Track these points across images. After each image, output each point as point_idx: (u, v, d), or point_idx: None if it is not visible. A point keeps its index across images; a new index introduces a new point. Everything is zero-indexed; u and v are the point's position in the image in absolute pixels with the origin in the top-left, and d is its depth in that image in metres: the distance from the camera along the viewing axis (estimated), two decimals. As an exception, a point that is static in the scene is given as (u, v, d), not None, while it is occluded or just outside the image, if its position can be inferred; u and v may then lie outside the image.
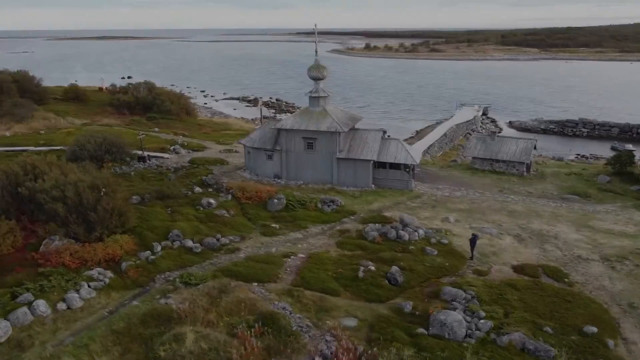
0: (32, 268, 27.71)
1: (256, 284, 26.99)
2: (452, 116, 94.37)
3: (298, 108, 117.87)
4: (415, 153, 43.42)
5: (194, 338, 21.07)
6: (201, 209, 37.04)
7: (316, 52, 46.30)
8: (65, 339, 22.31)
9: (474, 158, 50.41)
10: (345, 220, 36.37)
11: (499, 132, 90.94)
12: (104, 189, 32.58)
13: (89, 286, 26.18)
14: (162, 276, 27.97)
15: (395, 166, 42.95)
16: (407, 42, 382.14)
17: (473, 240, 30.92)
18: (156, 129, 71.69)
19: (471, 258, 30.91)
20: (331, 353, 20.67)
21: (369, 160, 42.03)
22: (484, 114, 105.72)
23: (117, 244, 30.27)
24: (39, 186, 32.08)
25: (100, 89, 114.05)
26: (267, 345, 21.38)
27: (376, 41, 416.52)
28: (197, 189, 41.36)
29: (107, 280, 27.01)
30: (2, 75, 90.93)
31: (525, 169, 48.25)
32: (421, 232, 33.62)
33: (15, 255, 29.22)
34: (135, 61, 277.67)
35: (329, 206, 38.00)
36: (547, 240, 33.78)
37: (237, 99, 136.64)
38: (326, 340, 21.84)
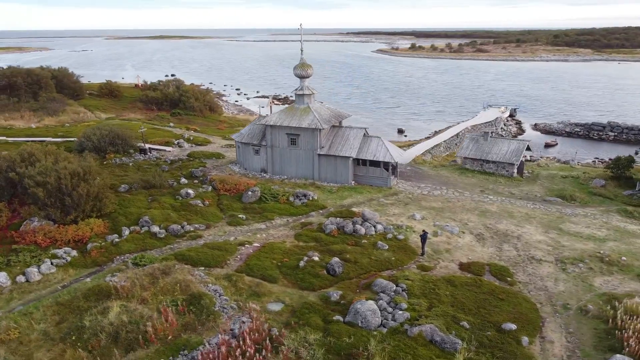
0: (8, 245, 30.66)
1: (203, 268, 28.70)
2: (473, 117, 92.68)
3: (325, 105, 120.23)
4: (395, 152, 43.85)
5: (117, 311, 22.98)
6: (180, 198, 39.21)
7: (301, 51, 47.48)
8: (16, 307, 24.82)
9: (465, 158, 50.13)
10: (312, 214, 37.50)
11: (520, 134, 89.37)
12: (98, 177, 35.46)
13: (51, 263, 28.71)
14: (122, 257, 30.17)
15: (375, 164, 43.57)
16: (455, 42, 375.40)
17: (423, 237, 31.39)
18: (171, 124, 74.98)
19: (422, 254, 31.38)
20: (240, 332, 22.00)
21: (348, 157, 42.87)
22: (510, 115, 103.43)
23: (89, 226, 32.81)
24: (27, 172, 35.11)
25: (136, 85, 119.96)
26: (185, 322, 23.03)
27: (425, 41, 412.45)
28: (184, 180, 43.64)
29: (69, 259, 29.49)
30: (43, 71, 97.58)
31: (515, 171, 47.58)
32: (380, 227, 34.32)
33: (-3, 232, 32.30)
34: (183, 60, 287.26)
35: (300, 200, 39.24)
36: (507, 241, 33.64)
37: (268, 97, 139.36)
38: (242, 321, 23.19)
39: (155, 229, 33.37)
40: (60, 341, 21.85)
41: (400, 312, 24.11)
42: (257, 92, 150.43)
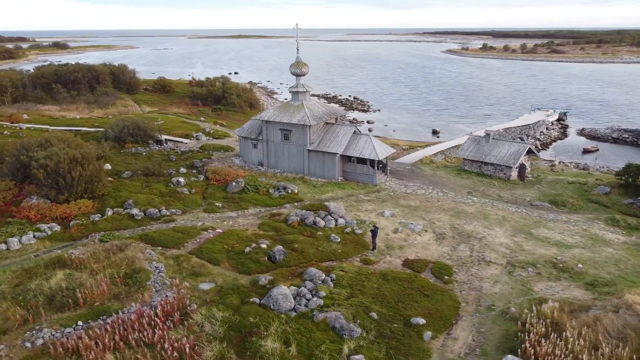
0: (5, 218, 34.91)
1: (160, 248, 31.28)
2: (513, 119, 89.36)
3: (370, 107, 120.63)
4: (383, 150, 44.24)
5: (60, 278, 25.98)
6: (171, 185, 42.23)
7: (297, 49, 49.05)
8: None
9: (464, 159, 49.35)
10: (287, 206, 39.07)
11: (561, 139, 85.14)
12: (94, 163, 39.38)
13: (33, 235, 32.47)
14: (96, 235, 33.41)
15: (362, 161, 44.31)
16: (532, 43, 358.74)
17: (373, 232, 32.08)
18: (202, 119, 79.19)
19: (373, 248, 32.06)
20: (156, 304, 24.20)
21: (335, 154, 43.93)
22: (559, 119, 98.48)
23: (77, 206, 36.51)
24: (35, 155, 39.53)
25: (191, 82, 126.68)
26: (116, 292, 25.62)
27: (503, 41, 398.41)
28: (182, 170, 46.78)
29: (49, 233, 33.19)
30: (102, 68, 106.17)
31: (512, 173, 46.30)
32: (341, 221, 35.31)
33: (1, 207, 36.78)
34: (252, 59, 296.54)
35: (279, 192, 40.94)
36: (467, 241, 33.41)
37: (317, 96, 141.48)
38: (166, 295, 25.38)
39: (134, 211, 36.47)
40: (10, 300, 25.11)
41: (316, 299, 25.22)
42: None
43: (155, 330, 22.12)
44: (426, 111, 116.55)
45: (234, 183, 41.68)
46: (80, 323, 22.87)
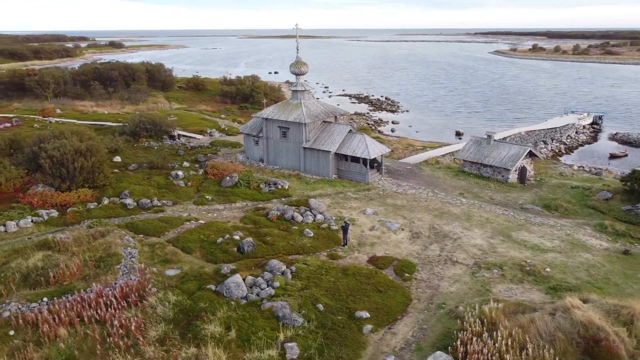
0: (10, 203, 37.87)
1: (142, 236, 33.16)
2: (541, 122, 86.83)
3: (399, 107, 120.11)
4: (376, 149, 44.52)
5: (38, 258, 28.19)
6: (170, 178, 44.30)
7: (297, 49, 49.93)
8: (-14, 249, 31.22)
9: (464, 161, 48.87)
10: (274, 201, 40.23)
11: (590, 143, 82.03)
12: (96, 155, 42.00)
13: (31, 220, 35.13)
14: (88, 221, 35.73)
15: (356, 159, 44.85)
16: (586, 44, 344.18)
17: (344, 228, 32.73)
18: (222, 116, 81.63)
19: (345, 244, 32.72)
20: (117, 286, 25.93)
21: (329, 152, 44.67)
22: (594, 122, 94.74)
23: (77, 194, 39.09)
24: (45, 147, 42.51)
25: (222, 81, 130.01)
26: (86, 274, 27.58)
27: (557, 42, 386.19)
28: (185, 164, 48.86)
29: (46, 217, 35.78)
30: (138, 66, 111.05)
31: (510, 176, 45.49)
32: (320, 217, 36.11)
33: (11, 193, 39.88)
34: (294, 59, 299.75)
35: (269, 188, 42.15)
36: (441, 241, 33.45)
37: (349, 95, 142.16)
38: (130, 278, 27.09)
39: (128, 201, 38.65)
40: (-7, 276, 27.49)
41: (269, 289, 26.24)
42: (343, 90, 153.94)
43: (109, 309, 23.81)
44: (457, 113, 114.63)
45: (228, 178, 43.25)
46: (45, 299, 24.84)
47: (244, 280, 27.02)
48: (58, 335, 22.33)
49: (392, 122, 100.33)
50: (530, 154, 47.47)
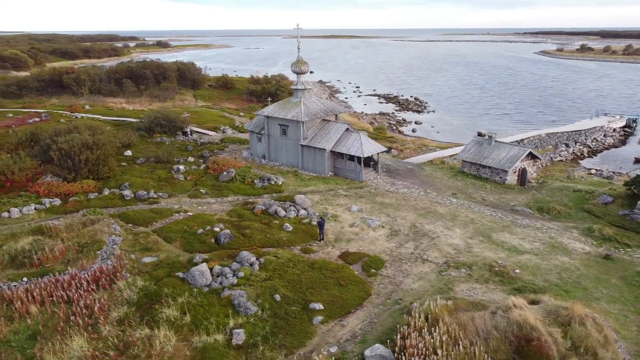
0: (19, 191, 40.63)
1: (131, 225, 35.01)
2: (565, 124, 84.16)
3: (425, 108, 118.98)
4: (370, 147, 44.79)
5: (27, 242, 30.37)
6: (172, 172, 46.20)
7: (298, 49, 50.75)
8: (-11, 232, 33.80)
9: (464, 161, 48.42)
10: (265, 196, 41.31)
11: (616, 147, 78.92)
12: (102, 148, 44.41)
13: (34, 207, 37.66)
14: (85, 210, 37.92)
15: (351, 157, 45.36)
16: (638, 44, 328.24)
17: (320, 224, 33.44)
18: (241, 113, 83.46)
19: (321, 239, 33.45)
20: (92, 270, 27.68)
21: (325, 150, 45.38)
22: (627, 125, 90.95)
23: (81, 185, 41.46)
24: (57, 140, 45.24)
25: (250, 79, 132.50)
26: (68, 258, 29.52)
27: (608, 42, 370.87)
28: (190, 159, 50.72)
29: (48, 205, 38.23)
30: (170, 65, 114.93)
31: (507, 177, 44.77)
32: (303, 212, 36.95)
33: (23, 182, 42.72)
34: (333, 59, 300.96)
35: (262, 183, 43.28)
36: (418, 240, 33.59)
37: (379, 95, 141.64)
38: (107, 263, 28.81)
39: (126, 192, 40.69)
40: (-13, 257, 29.84)
41: (232, 278, 27.36)
42: (374, 90, 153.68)
43: (79, 291, 25.54)
44: (486, 115, 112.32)
45: (225, 173, 44.71)
46: (25, 279, 26.81)
47: (211, 269, 28.23)
48: (29, 312, 24.17)
49: (415, 123, 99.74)
50: (533, 157, 46.58)
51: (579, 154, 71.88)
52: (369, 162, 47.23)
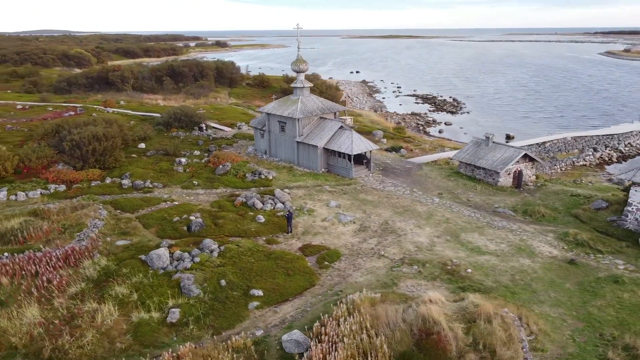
0: (32, 177, 44.44)
1: (119, 211, 37.65)
2: (600, 128, 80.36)
3: (461, 109, 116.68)
4: (361, 145, 45.18)
5: (17, 222, 33.52)
6: (174, 164, 48.79)
7: (298, 48, 51.79)
8: (-5, 212, 37.47)
9: (460, 162, 47.86)
10: (252, 189, 42.86)
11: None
12: (110, 140, 47.70)
13: (40, 192, 41.18)
14: (85, 195, 41.03)
15: (343, 155, 46.10)
16: None
17: (288, 217, 34.63)
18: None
19: (289, 231, 34.65)
20: (65, 249, 30.30)
21: (317, 147, 46.38)
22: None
23: (87, 173, 44.78)
24: (72, 132, 48.98)
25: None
26: (50, 237, 32.37)
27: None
28: (196, 152, 53.24)
29: (52, 191, 41.65)
30: (208, 63, 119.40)
31: (500, 179, 43.87)
32: (279, 205, 38.25)
33: (38, 169, 46.54)
34: (385, 59, 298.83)
35: (253, 177, 44.92)
36: (385, 236, 33.98)
37: (417, 96, 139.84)
38: (81, 244, 31.36)
39: (125, 181, 43.56)
40: (-18, 233, 33.23)
41: (187, 263, 29.13)
42: (414, 90, 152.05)
43: (48, 267, 28.14)
44: (523, 118, 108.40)
45: (221, 166, 46.75)
46: (6, 254, 29.73)
47: (172, 254, 30.14)
48: (0, 283, 26.97)
49: (445, 124, 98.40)
50: (530, 159, 45.46)
51: (606, 158, 68.65)
52: (362, 160, 47.80)
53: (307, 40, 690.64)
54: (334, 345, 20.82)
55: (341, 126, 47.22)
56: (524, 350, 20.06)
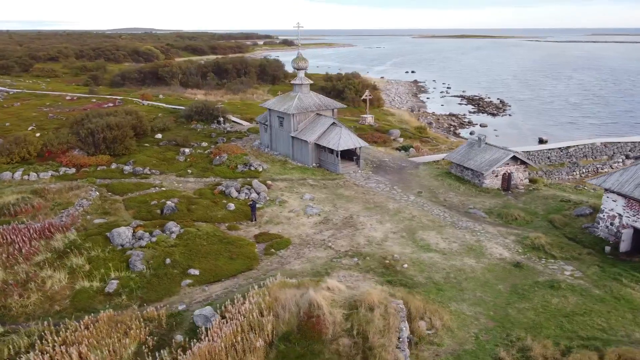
0: (50, 160, 49.16)
1: (110, 193, 41.12)
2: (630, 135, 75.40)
3: (505, 111, 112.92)
4: (348, 142, 45.86)
5: (14, 197, 37.68)
6: (178, 154, 52.01)
7: (299, 46, 53.11)
8: (6, 189, 42.17)
9: (452, 163, 47.34)
10: (239, 180, 44.99)
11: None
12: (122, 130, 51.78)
13: (51, 174, 45.63)
14: (87, 178, 44.98)
15: (332, 151, 47.16)
16: None
17: (252, 206, 36.44)
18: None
19: (254, 220, 36.48)
20: (44, 223, 33.85)
21: (308, 142, 47.73)
22: None
23: (96, 159, 48.91)
24: (91, 121, 53.47)
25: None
26: (37, 212, 36.18)
27: None
28: (204, 143, 56.26)
29: (62, 173, 45.99)
30: (253, 61, 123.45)
31: (485, 181, 43.08)
32: (254, 195, 40.13)
33: (58, 153, 51.22)
34: (448, 60, 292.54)
35: (243, 168, 47.05)
36: (342, 229, 34.83)
37: (462, 97, 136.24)
38: (61, 219, 34.83)
39: (126, 167, 47.18)
40: (-13, 206, 37.69)
41: (143, 242, 31.71)
42: (463, 91, 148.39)
43: (24, 238, 31.72)
44: (569, 123, 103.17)
45: (217, 157, 49.35)
46: (-5, 225, 33.76)
47: (134, 233, 32.85)
48: (-19, 248, 30.76)
49: (480, 125, 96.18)
50: (522, 162, 44.36)
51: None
52: (352, 156, 48.64)
53: (375, 39, 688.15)
54: (231, 321, 22.40)
55: (333, 123, 48.30)
56: (400, 340, 20.62)
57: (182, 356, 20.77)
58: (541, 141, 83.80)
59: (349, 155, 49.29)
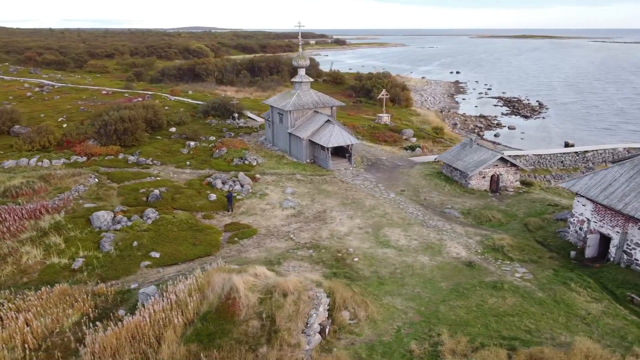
0: (66, 149, 53.04)
1: (109, 181, 44.12)
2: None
3: (539, 114, 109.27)
4: (338, 139, 46.58)
5: (17, 181, 41.23)
6: (184, 147, 54.62)
7: (300, 46, 54.17)
8: (19, 174, 46.08)
9: (443, 163, 47.08)
10: (231, 172, 46.91)
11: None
12: (133, 123, 54.93)
13: (63, 161, 49.34)
14: (93, 166, 48.28)
15: (323, 147, 48.12)
16: None
17: (228, 197, 38.14)
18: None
19: (230, 210, 38.23)
20: (35, 205, 37.00)
21: (302, 138, 48.95)
22: None
23: (107, 149, 52.31)
24: (107, 114, 57.07)
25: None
26: (39, 196, 39.48)
27: None
28: (212, 137, 58.67)
29: (72, 161, 49.58)
30: (286, 59, 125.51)
31: (471, 181, 42.67)
32: (238, 187, 41.85)
33: (75, 143, 55.17)
34: (499, 60, 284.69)
35: (238, 162, 48.89)
36: (311, 223, 35.79)
37: (499, 98, 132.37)
38: (54, 202, 37.90)
39: (131, 158, 50.19)
40: (-3, 189, 41.48)
41: (120, 224, 34.12)
42: (503, 92, 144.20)
43: (16, 217, 34.92)
44: (605, 129, 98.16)
45: (217, 151, 51.51)
46: (-5, 204, 37.23)
47: (114, 217, 35.35)
48: (-22, 225, 34.15)
49: (508, 128, 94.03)
50: (512, 164, 43.66)
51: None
52: (344, 153, 49.42)
53: (429, 40, 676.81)
54: (164, 299, 24.13)
55: (328, 120, 49.28)
56: (308, 325, 21.59)
57: (114, 327, 22.65)
58: (567, 145, 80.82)
59: (343, 152, 50.12)
